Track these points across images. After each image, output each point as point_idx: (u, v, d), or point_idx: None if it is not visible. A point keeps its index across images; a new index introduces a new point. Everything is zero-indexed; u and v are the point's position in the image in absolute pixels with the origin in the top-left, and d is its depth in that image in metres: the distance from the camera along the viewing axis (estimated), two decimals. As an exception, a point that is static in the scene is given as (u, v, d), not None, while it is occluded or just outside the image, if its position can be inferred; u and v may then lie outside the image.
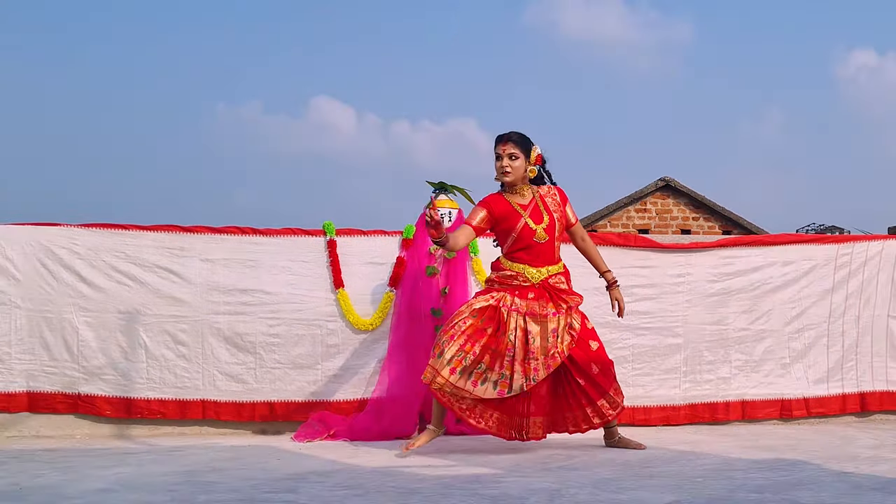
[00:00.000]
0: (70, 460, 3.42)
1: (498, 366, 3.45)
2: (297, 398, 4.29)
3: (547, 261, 3.61)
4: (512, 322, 3.49)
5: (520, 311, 3.52)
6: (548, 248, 3.61)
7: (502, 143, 3.59)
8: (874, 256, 4.66)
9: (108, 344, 4.22)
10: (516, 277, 3.58)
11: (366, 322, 4.33)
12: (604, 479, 2.91)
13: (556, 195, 3.70)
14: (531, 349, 3.46)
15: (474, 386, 3.47)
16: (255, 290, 4.30)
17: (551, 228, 3.61)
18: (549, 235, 3.60)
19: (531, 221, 3.59)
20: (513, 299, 3.54)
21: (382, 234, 4.47)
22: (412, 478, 2.96)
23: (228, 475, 3.00)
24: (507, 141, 3.59)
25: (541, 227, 3.60)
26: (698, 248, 4.58)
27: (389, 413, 4.15)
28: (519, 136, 3.62)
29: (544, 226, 3.60)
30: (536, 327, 3.51)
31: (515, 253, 3.61)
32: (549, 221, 3.60)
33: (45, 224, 4.29)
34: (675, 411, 4.47)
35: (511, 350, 3.46)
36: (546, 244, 3.60)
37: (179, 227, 4.34)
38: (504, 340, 3.46)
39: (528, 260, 3.59)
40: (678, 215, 15.34)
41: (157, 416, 4.24)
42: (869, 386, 4.63)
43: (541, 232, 3.59)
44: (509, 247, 3.62)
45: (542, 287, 3.57)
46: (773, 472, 3.00)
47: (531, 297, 3.55)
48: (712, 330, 4.53)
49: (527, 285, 3.57)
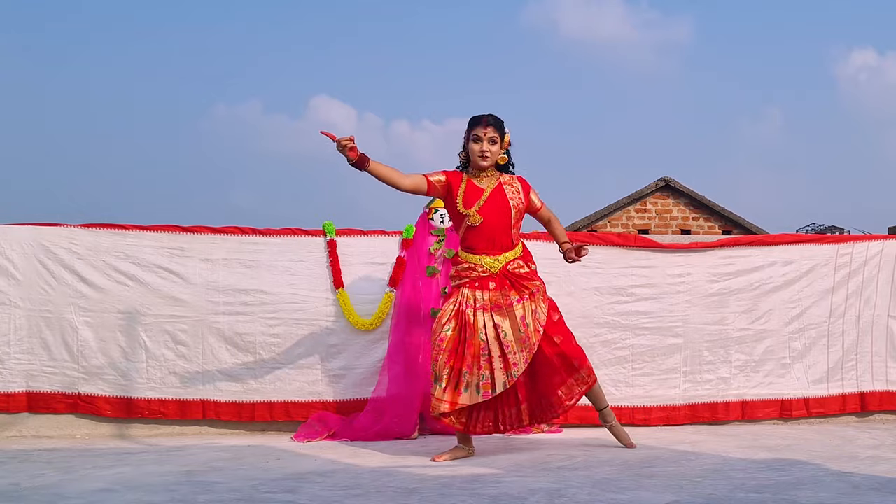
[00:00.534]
0: (70, 460, 3.42)
1: (476, 368, 3.42)
2: (297, 398, 4.28)
3: (503, 247, 3.53)
4: (479, 321, 3.46)
5: (485, 308, 3.48)
6: (502, 234, 3.52)
7: (482, 126, 3.50)
8: (874, 256, 4.66)
9: (108, 344, 4.22)
10: (475, 268, 3.52)
11: (366, 322, 4.32)
12: (604, 478, 2.91)
13: (518, 184, 3.61)
14: (505, 343, 3.42)
15: (458, 395, 3.43)
16: (256, 291, 4.30)
17: (505, 214, 3.50)
18: (501, 221, 3.51)
19: (482, 205, 3.50)
20: (473, 294, 3.50)
21: (382, 234, 4.47)
22: (412, 478, 2.96)
23: (228, 475, 3.00)
24: (487, 124, 3.50)
25: (498, 211, 3.50)
26: (698, 248, 4.58)
27: (389, 413, 4.14)
28: (497, 119, 3.55)
29: (496, 211, 3.50)
30: (505, 320, 3.47)
31: (470, 240, 3.54)
32: (503, 207, 3.50)
33: (44, 224, 4.29)
34: (676, 411, 4.47)
35: (485, 349, 3.42)
36: (499, 230, 3.51)
37: (179, 228, 4.34)
38: (475, 342, 3.43)
39: (483, 248, 3.51)
40: (678, 215, 15.33)
41: (157, 416, 4.24)
42: (869, 386, 4.63)
43: (492, 217, 3.50)
44: (464, 234, 3.54)
45: (503, 275, 3.51)
46: (773, 472, 3.00)
47: (493, 288, 3.50)
48: (712, 330, 4.52)
49: (486, 275, 3.51)
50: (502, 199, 3.52)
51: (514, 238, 3.57)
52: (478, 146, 3.50)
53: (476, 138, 3.51)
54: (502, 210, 3.51)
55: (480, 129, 3.50)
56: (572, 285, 4.41)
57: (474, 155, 3.51)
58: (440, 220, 4.42)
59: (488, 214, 3.49)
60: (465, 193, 3.51)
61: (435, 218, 4.44)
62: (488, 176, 3.56)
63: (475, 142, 3.51)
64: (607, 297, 4.45)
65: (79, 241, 4.26)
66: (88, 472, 3.10)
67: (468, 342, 3.43)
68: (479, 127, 3.50)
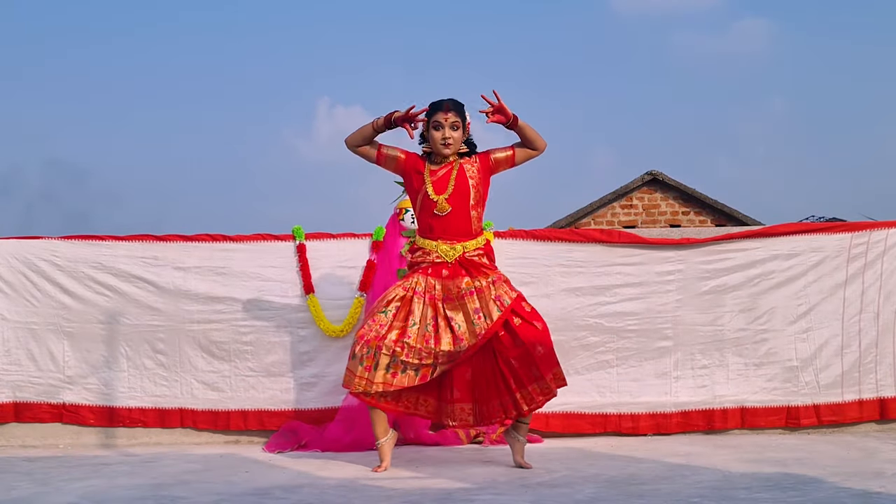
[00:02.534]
0: (49, 471, 3.47)
1: (415, 355, 3.23)
2: (271, 406, 4.24)
3: (461, 234, 3.34)
4: (429, 312, 3.29)
5: (437, 298, 3.30)
6: (459, 221, 3.33)
7: (443, 112, 3.31)
8: (894, 245, 4.19)
9: (91, 354, 4.28)
10: (429, 254, 3.35)
11: (336, 329, 4.22)
12: (587, 497, 2.67)
13: (477, 161, 3.40)
14: (458, 336, 3.23)
15: (393, 377, 3.26)
16: (227, 298, 4.27)
17: (462, 198, 3.31)
18: (453, 206, 3.31)
19: (431, 190, 3.32)
20: (426, 281, 3.32)
21: (352, 237, 4.38)
22: (379, 494, 2.84)
23: (194, 488, 2.99)
24: (449, 109, 3.31)
25: (442, 197, 3.32)
26: (687, 243, 4.25)
27: (360, 423, 4.03)
28: (458, 103, 3.36)
29: (447, 196, 3.31)
30: (458, 313, 3.28)
31: (426, 223, 3.36)
32: (457, 191, 3.30)
33: (27, 238, 4.39)
34: (666, 419, 4.15)
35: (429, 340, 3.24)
36: (454, 216, 3.32)
37: (152, 236, 4.36)
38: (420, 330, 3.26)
39: (438, 233, 3.33)
40: (666, 210, 14.51)
41: (137, 424, 4.27)
42: (891, 391, 4.17)
43: (442, 202, 3.31)
44: (419, 216, 3.39)
45: (458, 263, 3.32)
46: (783, 492, 2.66)
47: (445, 276, 3.31)
48: (706, 331, 4.19)
49: (440, 261, 3.33)
50: (463, 181, 3.33)
51: (475, 225, 3.36)
52: (439, 133, 3.31)
53: (437, 125, 3.32)
54: (462, 192, 3.32)
55: (441, 115, 3.31)
56: (550, 286, 4.17)
57: (436, 143, 3.32)
58: (411, 220, 4.26)
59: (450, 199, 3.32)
60: (414, 176, 3.35)
61: (406, 218, 4.29)
62: (445, 161, 3.37)
63: (436, 129, 3.32)
64: (589, 298, 4.18)
65: (59, 252, 4.34)
66: (63, 484, 3.15)
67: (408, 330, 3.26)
68: (440, 112, 3.31)
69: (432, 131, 3.33)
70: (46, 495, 2.91)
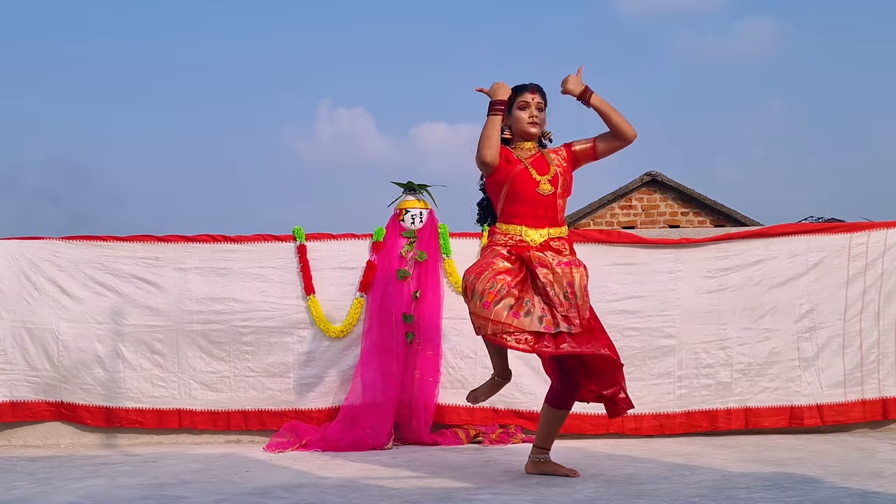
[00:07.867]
0: (50, 471, 3.47)
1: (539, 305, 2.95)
2: (271, 407, 4.24)
3: (550, 221, 3.13)
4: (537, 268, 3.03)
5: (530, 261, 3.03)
6: (550, 205, 3.13)
7: (529, 92, 3.18)
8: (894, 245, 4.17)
9: (88, 354, 4.27)
10: (513, 238, 3.10)
11: (336, 329, 4.22)
12: (586, 497, 2.67)
13: (562, 150, 3.24)
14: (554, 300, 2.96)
15: (515, 317, 2.92)
16: (228, 298, 4.27)
17: (555, 181, 3.15)
18: (553, 188, 3.14)
19: (533, 170, 3.13)
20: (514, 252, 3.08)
21: (352, 237, 4.37)
22: (379, 494, 2.83)
23: (195, 488, 2.98)
24: (536, 90, 3.19)
25: (545, 177, 3.15)
26: (687, 243, 4.24)
27: (362, 422, 4.05)
28: (542, 88, 3.25)
29: (549, 177, 3.15)
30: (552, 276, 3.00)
31: (512, 208, 3.13)
32: (553, 174, 3.15)
33: (28, 238, 4.39)
34: (669, 419, 4.14)
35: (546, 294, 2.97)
36: (549, 199, 3.13)
37: (153, 237, 4.37)
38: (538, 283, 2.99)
39: (525, 216, 3.10)
40: (665, 211, 14.54)
41: (135, 425, 4.27)
42: (894, 391, 4.15)
43: (545, 184, 3.14)
44: (505, 201, 3.14)
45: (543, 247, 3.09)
46: (782, 492, 2.67)
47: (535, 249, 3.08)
48: (709, 330, 4.17)
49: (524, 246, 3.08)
50: (551, 164, 3.18)
51: (560, 214, 3.19)
52: (525, 113, 3.18)
53: (523, 105, 3.19)
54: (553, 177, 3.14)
55: (528, 95, 3.19)
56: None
57: (522, 122, 3.17)
58: (411, 221, 4.26)
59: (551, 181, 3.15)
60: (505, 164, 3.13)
61: (405, 219, 4.28)
62: (530, 147, 3.22)
63: (522, 109, 3.19)
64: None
65: (60, 253, 4.34)
66: (64, 483, 3.15)
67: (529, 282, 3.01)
68: (527, 93, 3.20)
69: (517, 111, 3.19)
70: (47, 495, 2.92)
